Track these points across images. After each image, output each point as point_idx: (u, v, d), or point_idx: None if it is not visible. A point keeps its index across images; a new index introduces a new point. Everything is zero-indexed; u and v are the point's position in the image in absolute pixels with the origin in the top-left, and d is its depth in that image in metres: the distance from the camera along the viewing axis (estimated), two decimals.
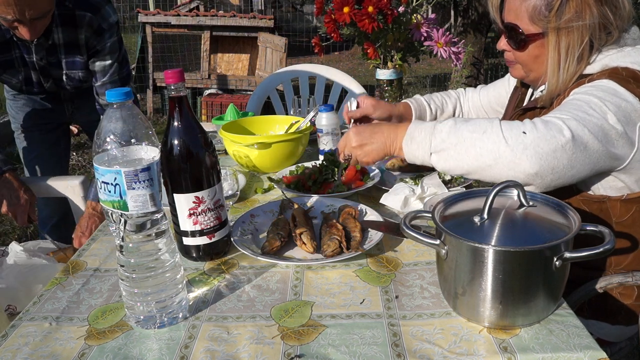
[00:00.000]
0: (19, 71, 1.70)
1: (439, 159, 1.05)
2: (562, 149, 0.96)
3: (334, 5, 1.68)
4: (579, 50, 1.09)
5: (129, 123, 0.82)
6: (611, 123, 1.00)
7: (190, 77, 5.84)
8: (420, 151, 1.07)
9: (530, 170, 0.96)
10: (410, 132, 1.09)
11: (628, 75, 1.04)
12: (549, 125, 0.97)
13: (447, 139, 1.03)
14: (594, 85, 1.06)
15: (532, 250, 0.77)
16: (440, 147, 1.04)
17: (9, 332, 0.85)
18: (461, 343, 0.78)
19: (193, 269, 1.02)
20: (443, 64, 8.34)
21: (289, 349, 0.78)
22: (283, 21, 8.98)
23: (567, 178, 0.99)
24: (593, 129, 0.98)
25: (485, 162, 0.99)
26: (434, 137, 1.05)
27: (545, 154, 0.95)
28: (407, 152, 1.10)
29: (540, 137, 0.96)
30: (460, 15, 5.35)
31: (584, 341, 0.76)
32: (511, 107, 1.40)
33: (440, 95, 1.61)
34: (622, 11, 1.08)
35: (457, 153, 1.02)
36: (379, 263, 1.01)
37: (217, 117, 1.88)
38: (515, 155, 0.96)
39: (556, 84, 1.13)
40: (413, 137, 1.09)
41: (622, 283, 1.06)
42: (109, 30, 1.68)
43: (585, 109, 1.00)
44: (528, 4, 1.12)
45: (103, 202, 0.84)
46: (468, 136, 1.01)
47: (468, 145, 1.00)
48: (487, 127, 1.00)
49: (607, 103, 1.01)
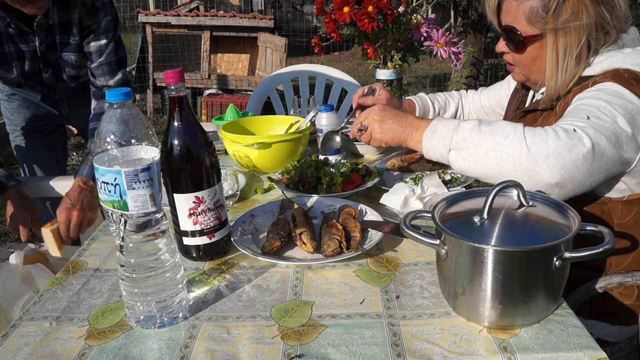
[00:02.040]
0: (12, 66, 1.68)
1: (458, 156, 1.04)
2: (584, 158, 0.95)
3: (334, 5, 1.68)
4: (576, 51, 1.09)
5: (129, 123, 0.82)
6: (622, 126, 0.99)
7: (191, 77, 5.84)
8: (440, 146, 1.07)
9: (551, 180, 0.95)
10: (433, 125, 1.09)
11: (630, 77, 1.04)
12: (570, 134, 0.96)
13: (469, 137, 1.02)
14: (599, 88, 1.05)
15: (532, 250, 0.77)
16: (461, 145, 1.03)
17: (9, 332, 0.85)
18: (461, 343, 0.78)
19: (193, 269, 1.02)
20: (443, 64, 8.34)
21: (289, 348, 0.78)
22: (283, 21, 8.99)
23: (585, 187, 0.99)
24: (608, 135, 0.98)
25: (505, 166, 0.97)
26: (457, 134, 1.04)
27: (567, 164, 0.94)
28: (426, 145, 1.09)
29: (563, 146, 0.95)
30: (460, 15, 5.35)
31: (584, 341, 0.76)
32: (511, 109, 1.40)
33: (444, 95, 1.63)
34: (618, 11, 1.09)
35: (477, 153, 1.01)
36: (379, 263, 1.01)
37: (217, 117, 1.88)
38: (536, 164, 0.95)
39: (555, 85, 1.13)
40: (435, 131, 1.08)
41: (621, 283, 1.07)
42: (103, 9, 1.65)
43: (597, 114, 0.99)
44: (525, 6, 1.12)
45: (103, 202, 0.84)
46: (490, 138, 1.00)
47: (489, 147, 0.99)
48: (510, 131, 0.99)
49: (615, 106, 1.00)
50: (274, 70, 5.07)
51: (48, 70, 1.75)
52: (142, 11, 5.85)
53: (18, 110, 1.95)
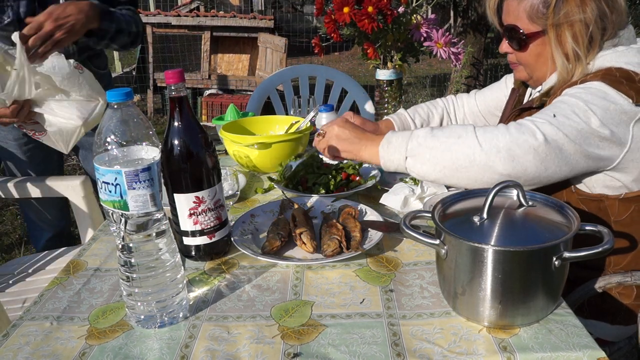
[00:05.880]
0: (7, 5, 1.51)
1: (415, 162, 1.08)
2: (535, 151, 0.99)
3: (334, 6, 1.68)
4: (582, 42, 1.09)
5: (130, 123, 0.82)
6: (594, 127, 1.01)
7: (191, 77, 5.84)
8: (397, 154, 1.10)
9: (503, 171, 1.00)
10: (388, 137, 1.13)
11: (621, 76, 1.05)
12: (521, 129, 1.01)
13: (423, 143, 1.07)
14: (584, 87, 1.06)
15: (532, 250, 0.77)
16: (417, 151, 1.07)
17: (10, 332, 0.85)
18: (461, 342, 0.78)
19: (193, 268, 1.02)
20: (443, 64, 8.34)
21: (289, 348, 0.78)
22: (283, 21, 8.98)
23: (543, 179, 1.03)
24: (569, 132, 1.00)
25: (461, 164, 1.02)
26: (411, 141, 1.08)
27: (517, 157, 0.99)
28: (383, 156, 1.13)
29: (513, 140, 1.00)
30: (460, 15, 5.35)
31: (583, 340, 0.76)
32: (509, 109, 1.40)
33: (426, 106, 1.58)
34: (618, 5, 1.10)
35: (433, 156, 1.05)
36: (378, 263, 1.01)
37: (217, 117, 1.89)
38: (489, 158, 1.00)
39: (570, 73, 1.12)
40: (390, 142, 1.12)
41: (621, 283, 1.07)
42: None
43: (567, 114, 1.02)
44: (526, 4, 1.13)
45: (103, 202, 0.84)
46: (444, 140, 1.05)
47: (444, 148, 1.04)
48: (462, 132, 1.04)
49: (592, 107, 1.02)
50: (274, 70, 5.08)
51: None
52: (143, 11, 5.85)
53: None
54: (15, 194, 1.73)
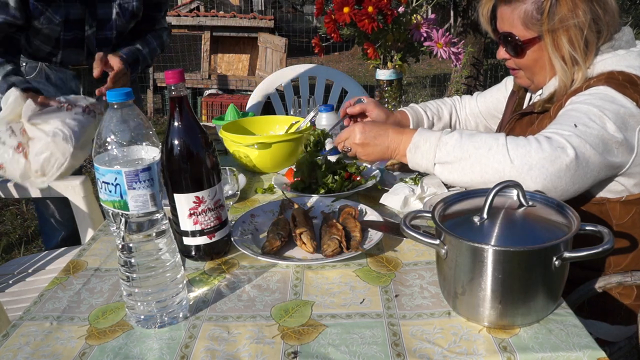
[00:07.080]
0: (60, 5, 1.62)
1: (443, 170, 1.07)
2: (567, 168, 0.97)
3: (334, 6, 1.68)
4: (578, 46, 1.10)
5: (130, 123, 0.82)
6: (611, 132, 1.00)
7: (191, 77, 5.85)
8: (425, 161, 1.09)
9: (532, 187, 0.97)
10: (416, 141, 1.11)
11: (624, 80, 1.05)
12: (553, 145, 0.98)
13: (452, 152, 1.04)
14: (591, 92, 1.06)
15: (532, 250, 0.77)
16: (445, 160, 1.05)
17: (10, 332, 0.85)
18: (461, 342, 0.78)
19: (193, 268, 1.02)
20: (443, 64, 8.34)
21: (289, 348, 0.78)
22: (283, 21, 8.98)
23: (570, 194, 1.01)
24: (594, 143, 0.99)
25: (489, 179, 0.99)
26: (439, 149, 1.06)
27: (549, 175, 0.96)
28: (411, 160, 1.12)
29: (546, 157, 0.97)
30: (460, 15, 5.35)
31: (583, 340, 0.76)
32: (508, 112, 1.40)
33: (435, 102, 1.60)
34: (610, 7, 1.10)
35: (462, 167, 1.03)
36: (378, 263, 1.01)
37: (217, 117, 1.89)
38: (520, 175, 0.97)
39: (570, 78, 1.12)
40: (418, 147, 1.10)
41: (621, 283, 1.07)
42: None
43: (585, 122, 1.01)
44: (519, 11, 1.13)
45: (104, 202, 0.84)
46: (473, 152, 1.02)
47: (473, 161, 1.02)
48: (492, 143, 1.01)
49: (605, 111, 1.01)
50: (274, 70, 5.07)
51: (94, 23, 1.70)
52: None
53: None
54: (15, 194, 1.73)
